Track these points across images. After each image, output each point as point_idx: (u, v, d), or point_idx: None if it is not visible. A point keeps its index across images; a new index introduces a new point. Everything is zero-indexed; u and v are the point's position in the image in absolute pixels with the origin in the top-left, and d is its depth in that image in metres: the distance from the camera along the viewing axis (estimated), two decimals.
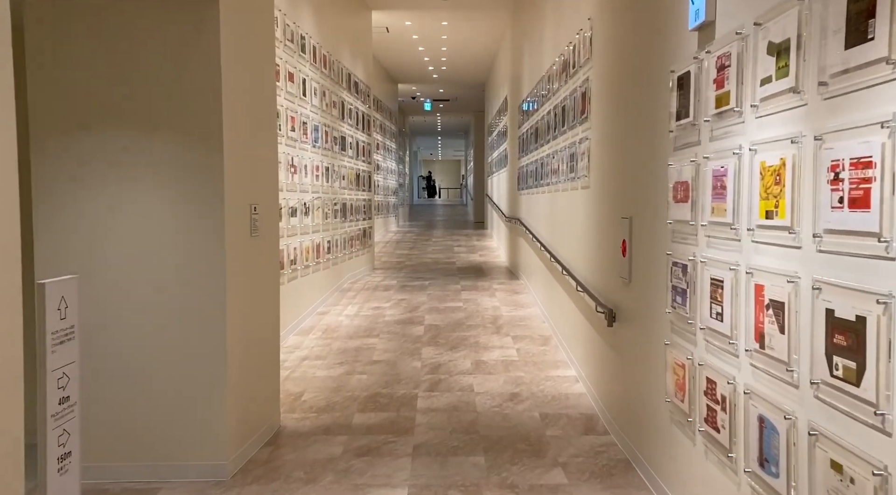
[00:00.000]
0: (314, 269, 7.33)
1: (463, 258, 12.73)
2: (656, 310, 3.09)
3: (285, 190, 6.19)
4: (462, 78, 18.36)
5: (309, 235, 7.07)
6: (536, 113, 7.66)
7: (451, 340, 6.17)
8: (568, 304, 5.59)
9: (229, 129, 3.33)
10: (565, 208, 5.74)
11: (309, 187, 7.07)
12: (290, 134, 6.32)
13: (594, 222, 4.53)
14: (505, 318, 7.07)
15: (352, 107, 9.40)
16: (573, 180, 5.29)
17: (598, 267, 4.42)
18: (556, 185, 6.24)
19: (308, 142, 7.00)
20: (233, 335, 3.38)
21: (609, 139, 4.12)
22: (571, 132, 5.38)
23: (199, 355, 3.32)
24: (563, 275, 5.57)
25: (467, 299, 8.17)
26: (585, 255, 4.84)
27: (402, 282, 9.55)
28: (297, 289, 6.62)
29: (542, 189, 7.21)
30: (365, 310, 7.57)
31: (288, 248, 6.26)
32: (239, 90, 3.48)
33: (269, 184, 3.99)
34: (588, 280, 4.69)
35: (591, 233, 4.66)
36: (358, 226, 9.95)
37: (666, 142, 2.96)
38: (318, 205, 7.43)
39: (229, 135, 3.33)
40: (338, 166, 8.54)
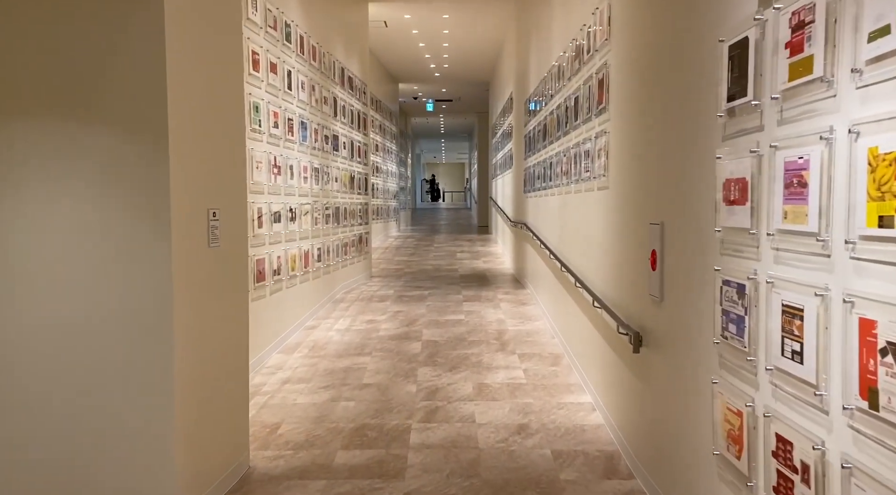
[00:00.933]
0: (302, 279, 6.78)
1: (466, 265, 12.18)
2: (699, 338, 2.52)
3: (267, 193, 5.65)
4: (465, 76, 17.83)
5: (296, 242, 6.53)
6: (544, 108, 7.11)
7: (450, 359, 5.61)
8: (581, 320, 5.02)
9: (178, 120, 2.78)
10: (578, 212, 5.18)
11: (296, 190, 6.53)
12: (273, 131, 5.78)
13: (614, 228, 3.97)
14: (511, 333, 6.51)
15: (345, 104, 8.86)
16: (588, 180, 4.73)
17: (619, 280, 3.86)
18: (566, 187, 5.68)
19: (295, 141, 6.46)
20: (182, 363, 2.83)
21: (633, 131, 3.56)
22: (585, 126, 4.82)
23: (139, 389, 2.76)
24: (577, 288, 5.01)
25: (470, 311, 7.61)
26: (603, 266, 4.28)
27: (400, 292, 8.99)
28: (281, 301, 6.07)
29: (551, 191, 6.65)
30: (358, 323, 7.01)
31: (271, 257, 5.72)
32: (191, 75, 2.94)
33: (235, 187, 3.45)
34: (607, 295, 4.13)
35: (610, 241, 4.09)
36: (353, 231, 9.41)
37: (712, 130, 2.40)
38: (306, 209, 6.89)
39: (178, 126, 2.78)
40: (330, 167, 8.00)
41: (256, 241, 5.38)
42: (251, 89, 5.24)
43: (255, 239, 5.36)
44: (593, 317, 4.58)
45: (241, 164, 3.54)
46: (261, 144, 5.48)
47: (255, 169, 5.33)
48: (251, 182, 5.24)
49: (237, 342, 3.50)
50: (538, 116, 7.66)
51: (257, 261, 5.37)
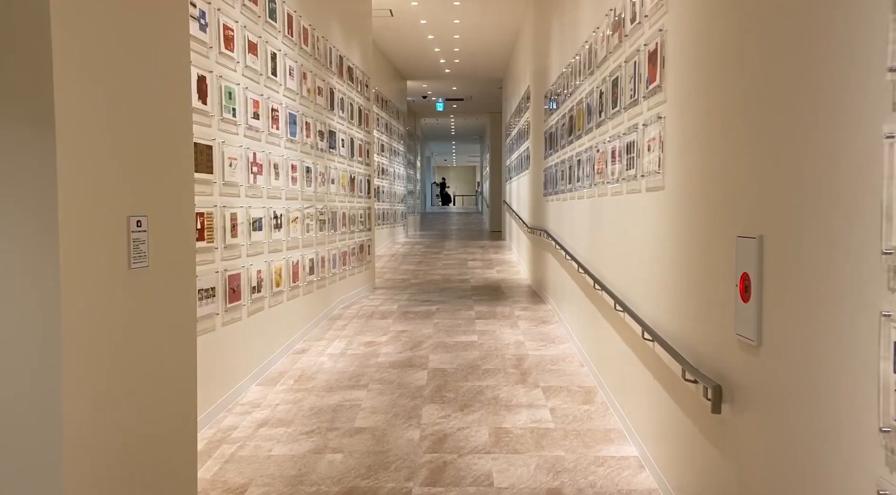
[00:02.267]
0: (290, 295, 5.97)
1: (478, 275, 11.33)
2: (848, 416, 1.67)
3: (244, 195, 4.84)
4: (477, 72, 17.02)
5: (282, 253, 5.71)
6: (569, 99, 6.27)
7: (461, 394, 4.77)
8: (621, 350, 4.17)
9: (71, 95, 1.97)
10: (617, 219, 4.33)
11: (283, 192, 5.72)
12: (252, 122, 4.98)
13: (674, 241, 3.12)
14: (532, 359, 5.66)
15: (344, 96, 8.06)
16: (632, 179, 3.88)
17: (682, 309, 3.00)
18: (600, 188, 4.83)
19: (280, 135, 5.65)
20: (79, 425, 2.01)
21: (703, 113, 2.72)
22: (628, 113, 3.98)
23: (13, 468, 1.94)
24: (618, 312, 4.16)
25: (483, 331, 6.77)
26: (656, 289, 3.42)
27: (405, 307, 8.16)
28: (263, 323, 5.25)
29: (578, 193, 5.81)
30: (354, 346, 6.18)
31: (249, 272, 4.90)
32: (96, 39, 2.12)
33: (175, 187, 2.63)
34: (662, 326, 3.28)
35: (667, 257, 3.24)
36: (354, 239, 8.60)
37: (867, 100, 1.56)
38: (296, 214, 6.08)
39: (73, 103, 1.97)
40: (325, 167, 7.19)
41: (229, 254, 4.57)
42: (222, 71, 4.44)
43: (229, 250, 4.55)
44: (639, 348, 3.73)
45: (185, 158, 2.72)
46: (235, 138, 4.68)
47: (228, 167, 4.53)
48: (222, 182, 4.44)
49: (180, 389, 2.67)
50: (561, 109, 6.83)
51: (230, 277, 4.56)
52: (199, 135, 4.09)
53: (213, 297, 4.29)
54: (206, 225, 4.19)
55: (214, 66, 4.31)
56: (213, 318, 4.30)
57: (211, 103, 4.26)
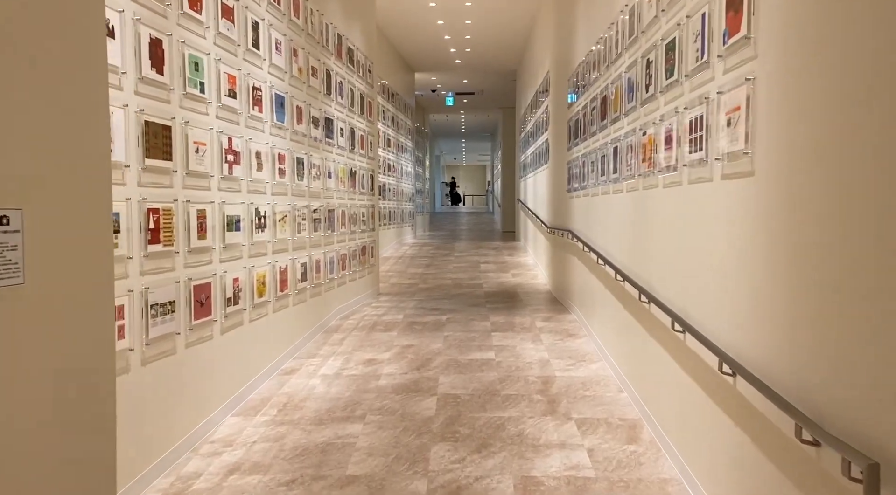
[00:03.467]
0: (277, 306, 5.20)
1: (492, 279, 10.54)
2: None
3: (216, 189, 4.08)
4: (489, 63, 16.24)
5: (267, 257, 4.95)
6: (602, 78, 5.48)
7: (478, 428, 3.99)
8: (678, 377, 3.37)
9: None
10: (675, 215, 3.53)
11: (267, 186, 4.96)
12: (227, 101, 4.22)
13: (773, 243, 2.32)
14: (560, 383, 4.86)
15: (343, 81, 7.29)
16: (697, 165, 3.08)
17: (788, 340, 2.20)
18: (647, 179, 4.03)
19: (264, 119, 4.89)
20: None
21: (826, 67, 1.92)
22: (693, 81, 3.18)
23: None
24: (676, 332, 3.36)
25: (501, 346, 5.97)
26: (738, 306, 2.62)
27: (412, 317, 7.38)
28: (240, 341, 4.49)
29: (615, 186, 5.01)
30: (352, 365, 5.41)
31: (223, 281, 4.14)
32: None
33: (77, 172, 1.86)
34: (748, 356, 2.48)
35: (761, 269, 2.44)
36: (355, 240, 7.83)
37: None
38: (284, 212, 5.32)
39: None
40: (321, 159, 6.43)
41: (196, 259, 3.81)
42: (185, 35, 3.68)
43: (195, 255, 3.79)
44: (709, 381, 2.93)
45: (101, 133, 1.95)
46: (204, 118, 3.91)
47: (194, 153, 3.77)
48: (185, 171, 3.67)
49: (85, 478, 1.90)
50: (590, 92, 6.03)
51: (196, 287, 3.79)
52: (153, 111, 3.33)
53: (173, 313, 3.52)
54: (163, 224, 3.43)
55: (174, 28, 3.55)
56: (171, 339, 3.54)
57: (169, 74, 3.49)
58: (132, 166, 3.16)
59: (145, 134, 3.26)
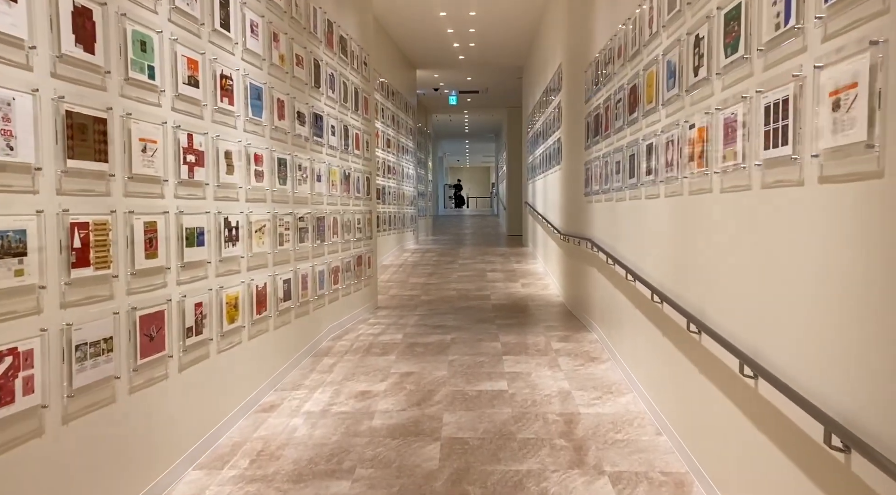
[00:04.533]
0: (254, 332, 4.53)
1: (500, 290, 9.85)
2: None
3: (172, 195, 3.41)
4: (495, 58, 15.57)
5: (240, 275, 4.28)
6: (630, 64, 4.80)
7: (491, 487, 3.30)
8: (746, 433, 2.68)
9: None
10: (741, 228, 2.85)
11: (240, 191, 4.29)
12: (186, 90, 3.55)
13: None
14: (586, 422, 4.17)
15: (335, 73, 6.62)
16: (777, 165, 2.39)
17: None
18: (696, 181, 3.35)
19: (236, 113, 4.22)
20: None
21: None
22: (768, 58, 2.49)
23: None
24: (745, 377, 2.68)
25: (514, 373, 5.28)
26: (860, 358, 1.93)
27: (413, 337, 6.69)
28: (206, 376, 3.81)
29: (650, 190, 4.33)
30: (342, 399, 4.72)
31: (178, 308, 3.47)
32: None
33: None
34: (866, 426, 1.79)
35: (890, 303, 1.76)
36: (349, 250, 7.15)
37: None
38: (262, 221, 4.64)
39: None
40: (309, 160, 5.75)
41: (142, 283, 3.13)
42: (126, 6, 3.01)
43: (141, 278, 3.11)
44: (788, 438, 2.24)
45: None
46: (154, 110, 3.24)
47: (140, 152, 3.09)
48: (127, 175, 3.00)
49: None
50: (614, 81, 5.35)
51: (143, 318, 3.11)
52: (79, 99, 2.66)
53: (110, 353, 2.85)
54: (95, 241, 2.75)
55: None
56: (108, 385, 2.86)
57: (104, 53, 2.83)
58: (47, 169, 2.49)
59: (68, 128, 2.59)
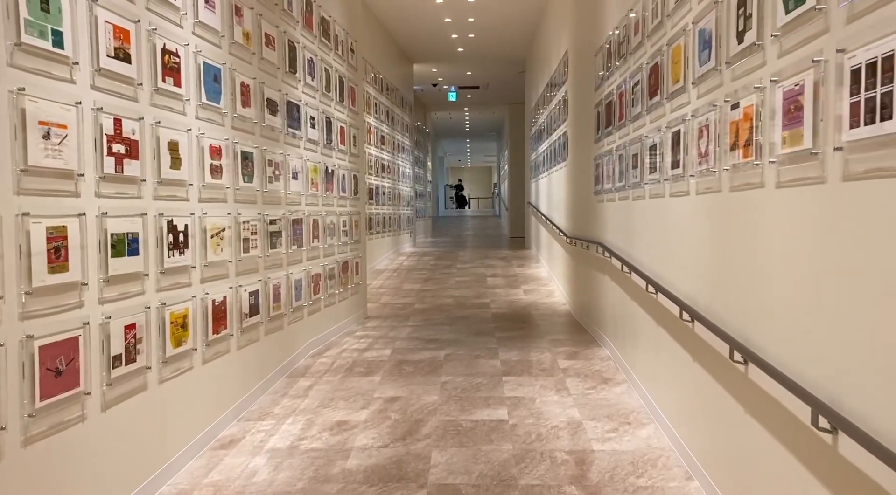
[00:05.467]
0: (210, 354, 3.91)
1: (500, 297, 9.21)
2: None
3: (86, 194, 2.79)
4: (495, 50, 14.95)
5: (190, 288, 3.65)
6: (651, 39, 4.18)
7: None
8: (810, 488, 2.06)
9: None
10: (819, 235, 2.22)
11: (191, 190, 3.66)
12: (111, 65, 2.93)
13: None
14: (601, 463, 3.54)
15: (314, 58, 6.00)
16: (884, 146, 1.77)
17: None
18: (739, 174, 2.72)
19: (185, 97, 3.59)
20: None
21: None
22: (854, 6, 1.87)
23: None
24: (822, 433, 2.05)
25: (516, 398, 4.65)
26: None
27: (402, 353, 6.06)
28: (144, 412, 3.19)
29: (676, 187, 3.71)
30: (314, 432, 4.09)
31: (102, 332, 2.85)
32: None
33: None
34: None
35: None
36: (333, 255, 6.53)
37: None
38: (220, 224, 4.02)
39: None
40: (282, 154, 5.13)
41: (43, 304, 2.51)
42: None
43: (41, 298, 2.49)
44: None
45: None
46: (63, 87, 2.62)
47: (41, 140, 2.47)
48: (18, 169, 2.38)
49: None
50: (630, 62, 4.73)
51: (47, 348, 2.49)
52: None
53: None
54: None
55: None
56: None
57: None
58: None
59: None
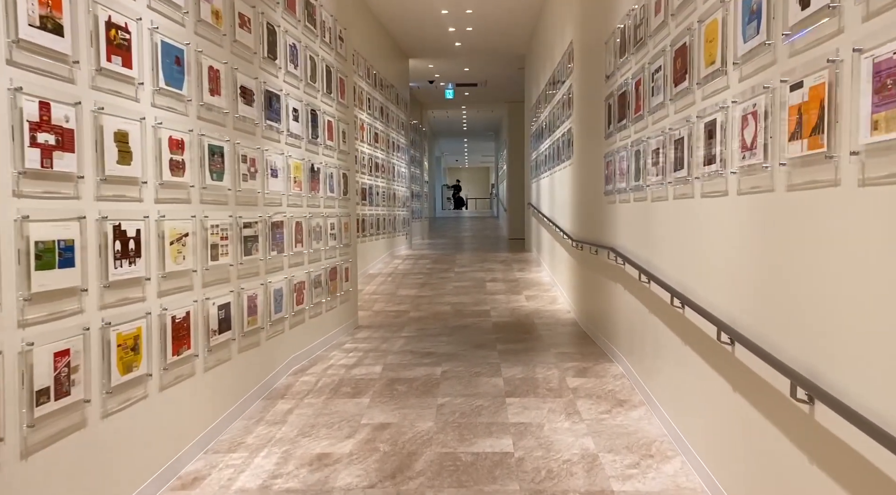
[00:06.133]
0: (169, 380, 3.41)
1: (501, 304, 8.72)
2: None
3: (9, 194, 2.29)
4: (494, 45, 14.47)
5: (143, 303, 3.16)
6: (680, 15, 3.70)
7: None
8: None
9: None
10: None
11: (145, 188, 3.17)
12: (31, 35, 2.43)
13: None
14: None
15: (297, 44, 5.50)
16: None
17: None
18: (798, 171, 2.24)
19: (138, 80, 3.10)
20: None
21: None
22: None
23: None
24: None
25: (521, 425, 4.15)
26: None
27: (395, 369, 5.56)
28: (84, 453, 2.70)
29: (709, 185, 3.22)
30: (291, 467, 3.58)
31: (23, 362, 2.35)
32: None
33: None
34: None
35: None
36: (320, 261, 6.04)
37: None
38: (182, 228, 3.52)
39: None
40: (259, 150, 4.63)
41: None
42: None
43: None
44: None
45: None
46: None
47: None
48: None
49: None
50: (650, 46, 4.25)
51: None
52: None
53: None
54: None
55: None
56: None
57: None
58: None
59: None
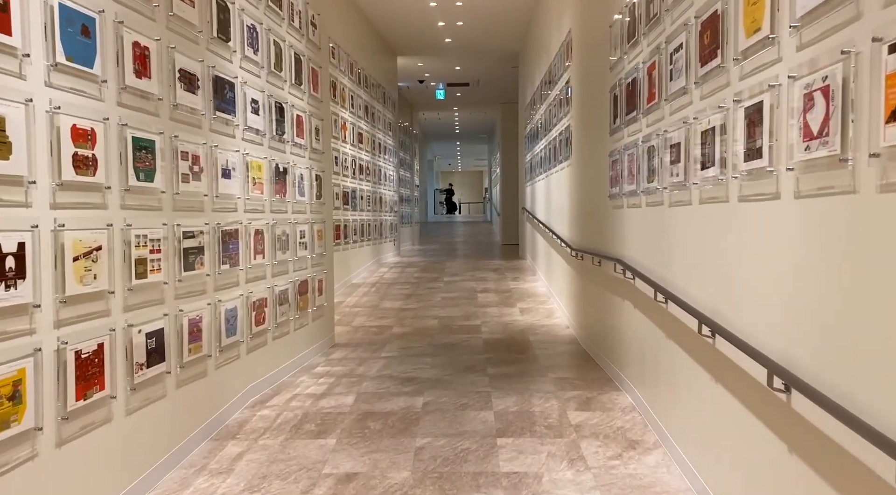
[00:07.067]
0: (72, 432, 2.74)
1: (493, 318, 8.06)
2: None
3: None
4: (486, 41, 13.85)
5: (29, 337, 2.49)
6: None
7: None
8: None
9: None
10: None
11: (30, 190, 2.50)
12: None
13: None
14: None
15: (258, 26, 4.84)
16: None
17: None
18: None
19: (23, 51, 2.44)
20: None
21: None
22: None
23: None
24: None
25: (514, 475, 3.49)
26: None
27: (369, 399, 4.88)
28: None
29: (752, 186, 2.58)
30: None
31: None
32: None
33: None
34: None
35: None
36: (287, 274, 5.37)
37: None
38: (91, 240, 2.85)
39: None
40: (207, 145, 3.97)
41: None
42: None
43: None
44: None
45: None
46: None
47: None
48: None
49: None
50: (667, 23, 3.62)
51: None
52: None
53: None
54: None
55: None
56: None
57: None
58: None
59: None
